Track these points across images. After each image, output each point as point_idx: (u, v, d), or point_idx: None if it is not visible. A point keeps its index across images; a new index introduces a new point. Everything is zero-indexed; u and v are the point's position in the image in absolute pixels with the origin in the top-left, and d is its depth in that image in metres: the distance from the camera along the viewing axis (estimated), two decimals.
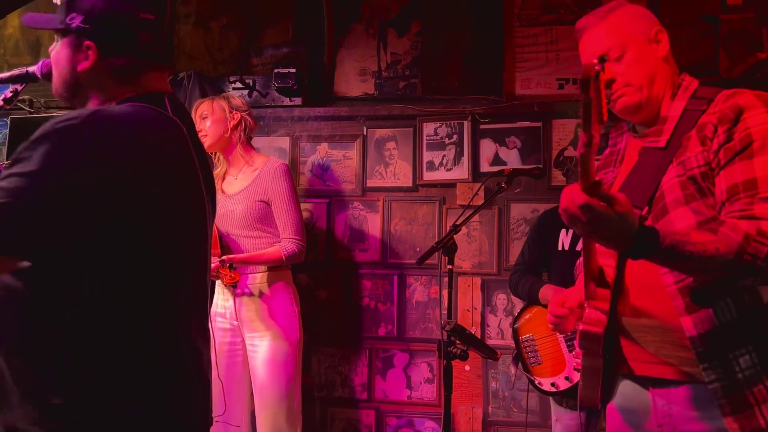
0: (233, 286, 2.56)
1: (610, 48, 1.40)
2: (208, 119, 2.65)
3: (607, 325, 1.36)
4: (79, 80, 1.26)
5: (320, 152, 3.33)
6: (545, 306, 2.47)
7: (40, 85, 1.46)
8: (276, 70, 3.22)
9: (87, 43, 1.23)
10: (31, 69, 1.41)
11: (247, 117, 2.70)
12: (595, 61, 1.00)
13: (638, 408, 1.39)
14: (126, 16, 1.23)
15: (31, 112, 3.51)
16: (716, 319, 1.25)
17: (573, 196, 1.09)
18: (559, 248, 2.50)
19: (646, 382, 1.37)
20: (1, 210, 1.01)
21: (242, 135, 2.68)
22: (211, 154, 2.76)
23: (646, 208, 1.34)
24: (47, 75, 1.36)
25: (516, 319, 2.55)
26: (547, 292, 2.44)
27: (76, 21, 1.23)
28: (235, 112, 2.67)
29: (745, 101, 1.29)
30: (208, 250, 1.33)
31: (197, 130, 2.68)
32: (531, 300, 2.51)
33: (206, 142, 2.67)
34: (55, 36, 1.29)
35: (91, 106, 1.26)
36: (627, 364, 1.39)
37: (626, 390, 1.42)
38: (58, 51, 1.28)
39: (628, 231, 1.12)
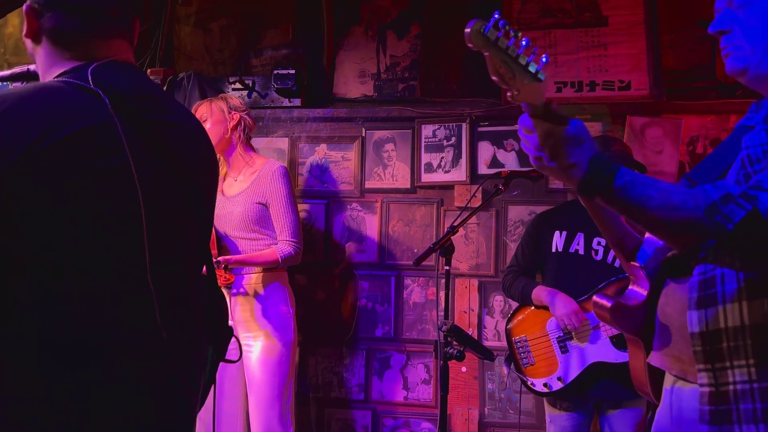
0: (227, 288, 2.57)
1: None
2: (208, 121, 2.65)
3: (645, 306, 1.30)
4: (29, 48, 1.20)
5: (319, 153, 3.34)
6: (538, 307, 2.48)
7: None
8: (275, 71, 3.23)
9: (26, 6, 1.16)
10: (32, 67, 1.41)
11: (245, 117, 2.71)
12: (479, 21, 0.92)
13: (665, 402, 1.32)
14: None
15: None
16: (723, 321, 1.12)
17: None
18: (553, 250, 2.52)
19: (669, 376, 1.29)
20: None
21: (242, 135, 2.69)
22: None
23: None
24: None
25: (509, 320, 2.56)
26: (539, 293, 2.45)
27: None
28: (233, 112, 2.68)
29: None
30: (156, 246, 1.12)
31: None
32: (524, 301, 2.53)
33: None
34: None
35: (41, 75, 1.20)
36: (655, 355, 1.31)
37: (665, 382, 1.34)
38: None
39: (583, 155, 1.02)
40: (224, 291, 2.60)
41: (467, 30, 0.90)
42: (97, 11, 1.16)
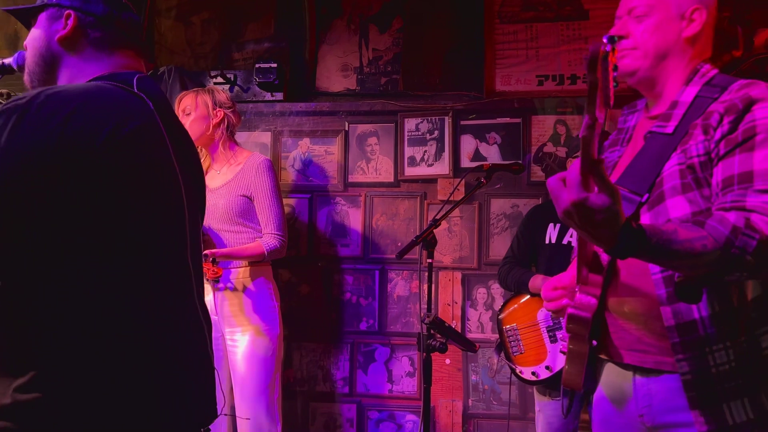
0: (215, 281, 2.56)
1: (637, 5, 1.36)
2: (191, 115, 2.62)
3: (596, 310, 1.35)
4: (54, 52, 1.26)
5: (302, 147, 3.33)
6: (533, 295, 2.51)
7: (18, 79, 1.45)
8: (257, 65, 3.22)
9: (67, 12, 1.25)
10: (6, 61, 1.40)
11: (230, 114, 2.67)
12: (605, 40, 0.95)
13: (621, 395, 1.39)
14: None
15: None
16: (697, 311, 1.22)
17: (563, 193, 1.02)
18: (546, 242, 2.55)
19: (629, 369, 1.36)
20: None
21: (224, 132, 2.66)
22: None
23: (646, 195, 1.30)
24: (23, 67, 1.35)
25: (501, 309, 2.60)
26: (536, 281, 2.48)
27: None
28: (218, 109, 2.64)
29: (757, 93, 1.24)
30: (191, 231, 1.27)
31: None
32: (520, 289, 2.55)
33: None
34: (32, 23, 1.31)
35: (61, 80, 1.26)
36: (612, 350, 1.38)
37: (611, 376, 1.41)
38: (33, 31, 1.29)
39: (613, 229, 1.04)
40: (209, 285, 2.59)
41: (591, 50, 0.93)
42: (132, 29, 1.32)
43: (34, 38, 1.29)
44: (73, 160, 1.05)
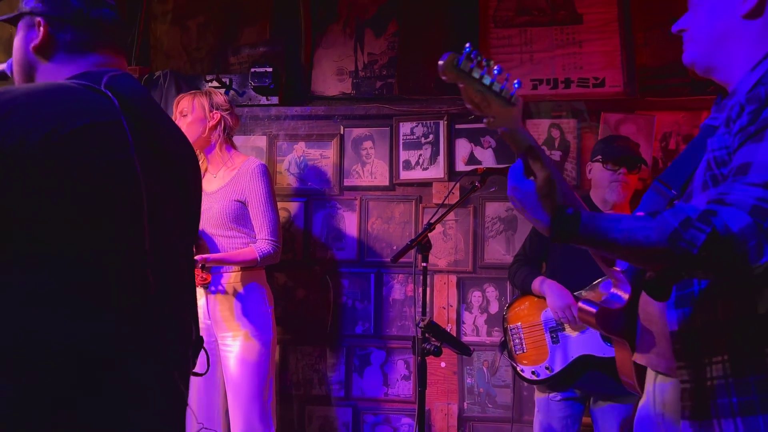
0: (204, 287, 2.55)
1: None
2: (188, 117, 2.62)
3: (627, 308, 1.32)
4: (30, 61, 1.26)
5: (297, 151, 3.34)
6: (538, 297, 2.53)
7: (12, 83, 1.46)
8: (253, 69, 3.22)
9: (38, 19, 1.24)
10: (1, 66, 1.41)
11: (227, 117, 2.66)
12: (467, 50, 0.96)
13: (646, 399, 1.34)
14: None
15: None
16: (700, 319, 1.15)
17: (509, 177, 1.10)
18: None
19: (652, 372, 1.31)
20: None
21: (221, 135, 2.65)
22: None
23: (679, 191, 1.25)
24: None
25: (507, 308, 2.62)
26: (538, 284, 2.51)
27: (31, 3, 1.25)
28: (215, 111, 2.64)
29: None
30: (158, 242, 1.16)
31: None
32: (525, 290, 2.58)
33: None
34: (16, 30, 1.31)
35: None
36: (638, 352, 1.34)
37: (646, 380, 1.37)
38: (15, 39, 1.29)
39: (545, 215, 1.08)
40: (201, 290, 2.59)
41: (441, 63, 0.94)
42: (107, 26, 1.28)
43: (15, 47, 1.29)
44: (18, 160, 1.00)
